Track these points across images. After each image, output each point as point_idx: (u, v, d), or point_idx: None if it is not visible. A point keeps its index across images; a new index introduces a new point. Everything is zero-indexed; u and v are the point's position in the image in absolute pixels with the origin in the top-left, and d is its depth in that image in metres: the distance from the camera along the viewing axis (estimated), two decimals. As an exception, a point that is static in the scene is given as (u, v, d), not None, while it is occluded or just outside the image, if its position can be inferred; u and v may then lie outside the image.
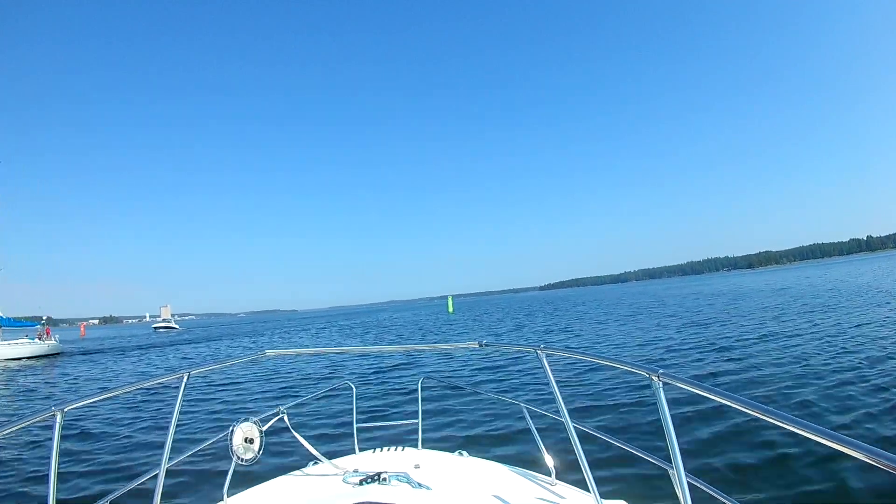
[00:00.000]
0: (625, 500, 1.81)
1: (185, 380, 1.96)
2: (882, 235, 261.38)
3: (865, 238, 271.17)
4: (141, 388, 1.98)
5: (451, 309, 52.11)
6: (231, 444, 1.95)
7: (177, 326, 68.26)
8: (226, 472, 1.98)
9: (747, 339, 10.97)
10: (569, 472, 2.04)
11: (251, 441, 1.98)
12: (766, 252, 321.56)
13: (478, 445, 4.98)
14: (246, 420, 2.01)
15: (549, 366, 1.87)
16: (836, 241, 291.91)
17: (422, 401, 2.88)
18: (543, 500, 1.79)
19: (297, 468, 2.26)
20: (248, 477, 2.41)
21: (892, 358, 7.54)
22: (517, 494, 1.83)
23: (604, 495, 1.67)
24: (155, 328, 67.41)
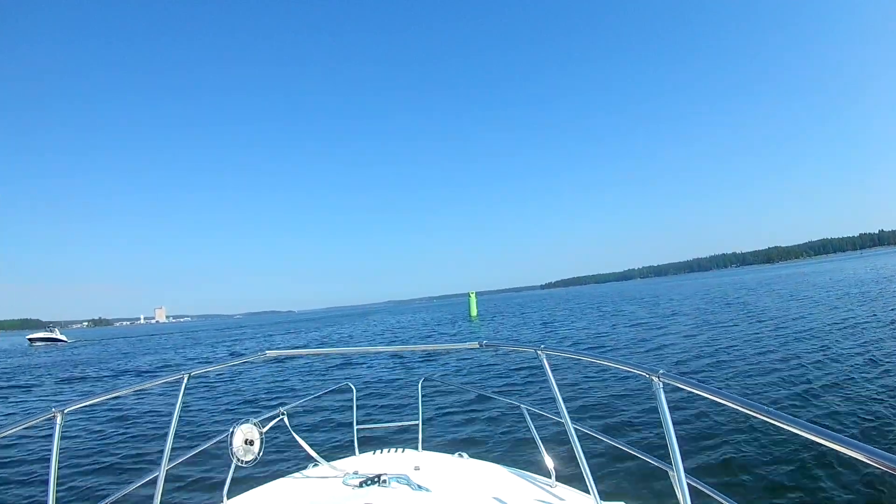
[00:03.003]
0: (625, 501, 1.80)
1: (185, 381, 1.96)
2: (895, 229, 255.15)
3: (877, 232, 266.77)
4: (141, 390, 1.98)
5: (474, 312, 34.75)
6: (231, 445, 1.95)
7: (64, 338, 47.83)
8: (226, 474, 1.98)
9: None
10: (569, 474, 2.04)
11: (251, 443, 1.98)
12: (777, 247, 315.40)
13: (478, 447, 4.98)
14: (246, 421, 2.01)
15: (550, 366, 1.87)
16: (847, 236, 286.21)
17: (422, 402, 2.88)
18: (543, 501, 1.79)
19: (297, 470, 2.26)
20: (248, 479, 2.42)
21: None
22: (517, 496, 1.83)
23: (604, 496, 1.67)
24: (30, 340, 47.12)
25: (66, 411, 1.58)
